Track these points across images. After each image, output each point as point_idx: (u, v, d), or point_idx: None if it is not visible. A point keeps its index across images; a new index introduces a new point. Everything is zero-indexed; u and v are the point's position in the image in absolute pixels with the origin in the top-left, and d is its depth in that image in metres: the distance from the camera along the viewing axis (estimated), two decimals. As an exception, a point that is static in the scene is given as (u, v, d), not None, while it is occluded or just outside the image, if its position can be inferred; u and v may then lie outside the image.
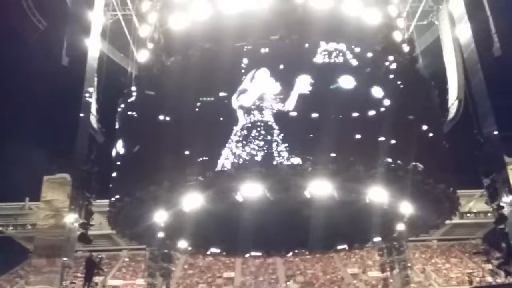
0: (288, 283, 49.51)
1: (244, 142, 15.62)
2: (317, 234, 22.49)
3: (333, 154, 15.28)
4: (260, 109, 15.95)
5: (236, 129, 15.91)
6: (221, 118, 16.35)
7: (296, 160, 15.13)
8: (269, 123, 15.73)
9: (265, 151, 15.38)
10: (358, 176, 15.76)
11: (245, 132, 15.77)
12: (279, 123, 15.74)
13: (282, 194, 17.00)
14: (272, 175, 15.57)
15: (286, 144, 15.33)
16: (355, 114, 16.10)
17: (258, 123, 15.80)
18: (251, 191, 16.54)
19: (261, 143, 15.49)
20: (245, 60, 16.79)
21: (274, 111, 15.86)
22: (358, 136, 15.79)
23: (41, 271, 18.68)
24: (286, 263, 52.11)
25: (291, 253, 29.34)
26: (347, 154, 15.38)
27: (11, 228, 51.62)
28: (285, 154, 15.18)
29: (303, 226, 21.80)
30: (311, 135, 15.69)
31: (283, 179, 15.92)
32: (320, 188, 16.45)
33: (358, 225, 22.67)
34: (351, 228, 23.30)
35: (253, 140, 15.57)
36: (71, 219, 19.37)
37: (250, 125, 15.84)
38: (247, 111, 16.04)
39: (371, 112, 16.36)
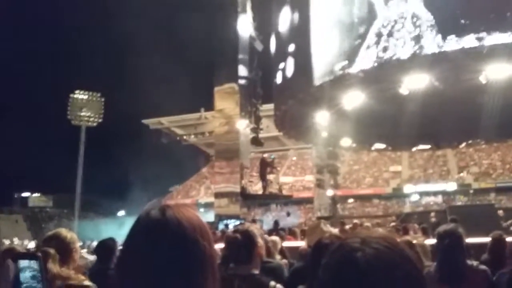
0: (461, 174, 47.31)
1: (403, 30, 14.48)
2: (493, 122, 20.49)
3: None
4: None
5: (395, 18, 14.78)
6: (376, 9, 15.27)
7: (468, 42, 13.48)
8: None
9: (428, 36, 14.05)
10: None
11: (406, 18, 14.56)
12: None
13: (452, 82, 15.69)
14: (439, 62, 14.30)
15: (452, 25, 13.68)
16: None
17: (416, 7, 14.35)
18: (416, 82, 15.61)
19: (422, 28, 14.15)
20: None
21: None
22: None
23: (222, 172, 21.24)
24: (458, 154, 49.35)
25: (464, 144, 27.68)
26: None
27: (192, 136, 58.76)
28: (453, 36, 13.61)
29: (476, 114, 19.98)
30: (482, 9, 13.54)
31: (452, 66, 14.56)
32: (498, 71, 14.66)
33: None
34: (536, 112, 20.61)
35: (413, 27, 14.32)
36: (242, 124, 21.12)
37: (407, 12, 14.51)
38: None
39: None
